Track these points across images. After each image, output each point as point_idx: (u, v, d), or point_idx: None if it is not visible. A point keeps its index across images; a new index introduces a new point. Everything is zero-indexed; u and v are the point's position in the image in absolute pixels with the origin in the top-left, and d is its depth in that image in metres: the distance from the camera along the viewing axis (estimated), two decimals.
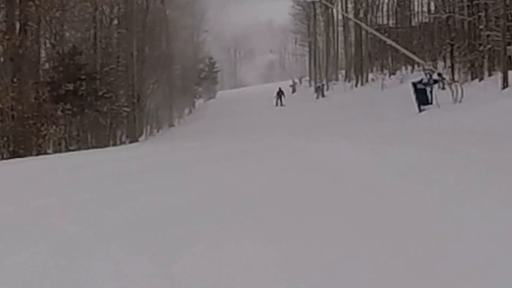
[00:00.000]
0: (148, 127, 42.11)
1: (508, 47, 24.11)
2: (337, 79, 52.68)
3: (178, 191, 7.60)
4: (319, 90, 47.06)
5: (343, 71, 52.70)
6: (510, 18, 25.84)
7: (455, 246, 4.29)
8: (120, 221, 5.87)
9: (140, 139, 36.43)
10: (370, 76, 44.15)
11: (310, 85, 55.60)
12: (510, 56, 25.16)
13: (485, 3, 27.97)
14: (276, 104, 43.28)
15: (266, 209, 5.98)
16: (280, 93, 44.29)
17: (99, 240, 5.12)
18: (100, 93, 32.58)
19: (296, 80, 59.08)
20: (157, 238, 5.04)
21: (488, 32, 26.98)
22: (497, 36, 25.12)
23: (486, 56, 27.77)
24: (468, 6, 29.41)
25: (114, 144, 33.85)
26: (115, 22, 39.27)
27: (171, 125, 44.27)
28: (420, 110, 22.08)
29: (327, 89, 48.85)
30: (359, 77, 45.55)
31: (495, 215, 5.20)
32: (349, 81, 48.43)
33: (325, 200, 6.31)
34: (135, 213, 6.27)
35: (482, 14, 28.13)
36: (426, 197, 6.19)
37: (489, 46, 27.01)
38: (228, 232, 5.11)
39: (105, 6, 36.19)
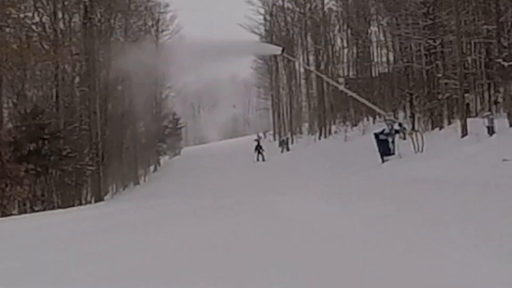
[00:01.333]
0: (114, 186, 41.71)
1: (466, 95, 24.71)
2: (301, 132, 53.15)
3: (140, 252, 7.51)
4: (284, 144, 47.34)
5: (307, 124, 53.25)
6: (466, 66, 26.56)
7: None
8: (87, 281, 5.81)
9: (105, 197, 36.02)
10: (333, 128, 44.66)
11: (275, 139, 55.95)
12: (468, 104, 25.80)
13: (442, 52, 28.72)
14: (258, 159, 40.98)
15: (232, 264, 5.97)
16: (258, 147, 42.44)
17: None
18: (64, 153, 32.30)
19: (261, 134, 59.46)
20: None
21: (446, 80, 27.65)
22: (455, 84, 25.74)
23: (445, 104, 28.38)
24: (425, 55, 30.16)
25: (80, 204, 33.40)
26: (77, 80, 39.27)
27: (137, 183, 43.93)
28: (383, 161, 22.35)
29: (292, 142, 49.19)
30: (323, 129, 46.03)
31: (458, 264, 5.28)
32: (312, 134, 48.89)
33: (292, 251, 6.34)
34: (95, 275, 6.19)
35: (440, 62, 28.85)
36: (389, 247, 6.26)
37: (448, 94, 27.63)
38: None
39: (67, 64, 36.19)
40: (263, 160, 40.45)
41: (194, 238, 8.21)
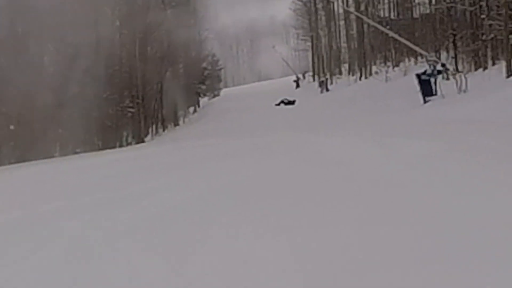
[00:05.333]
0: (154, 127, 42.07)
1: (511, 36, 24.00)
2: (340, 73, 52.53)
3: (189, 188, 7.60)
4: (323, 85, 46.96)
5: (346, 65, 52.54)
6: (511, 7, 25.72)
7: (461, 235, 4.28)
8: (131, 221, 5.88)
9: (146, 139, 36.43)
10: (374, 69, 43.93)
11: (314, 80, 55.45)
12: None
13: None
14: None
15: (278, 202, 6.00)
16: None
17: (111, 241, 5.13)
18: (104, 95, 32.60)
19: (300, 76, 58.97)
20: (169, 236, 5.05)
21: (490, 22, 26.85)
22: (500, 25, 25.01)
23: (489, 45, 27.64)
24: None
25: (121, 145, 33.83)
26: (117, 23, 39.20)
27: (177, 124, 44.21)
28: (425, 101, 22.02)
29: (331, 83, 48.76)
30: (363, 70, 45.37)
31: (503, 201, 5.22)
32: (352, 75, 48.27)
33: (336, 193, 6.32)
34: (146, 212, 6.28)
35: (484, 3, 27.99)
36: (435, 187, 6.19)
37: (492, 35, 26.88)
38: (241, 227, 5.12)
39: (106, 7, 36.16)
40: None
41: (237, 177, 8.26)
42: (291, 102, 40.24)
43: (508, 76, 21.91)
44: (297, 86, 55.09)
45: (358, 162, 8.74)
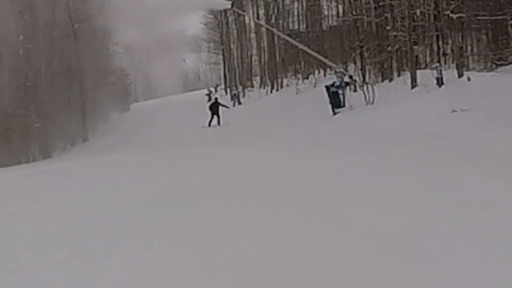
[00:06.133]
0: (61, 143, 40.97)
1: (415, 47, 24.86)
2: (252, 86, 52.92)
3: (95, 202, 7.36)
4: (235, 98, 47.09)
5: (258, 78, 53.02)
6: (415, 18, 26.68)
7: (368, 235, 4.35)
8: (37, 233, 5.66)
9: (53, 154, 35.42)
10: (285, 81, 44.54)
11: (226, 93, 55.60)
12: (417, 56, 25.99)
13: (391, 4, 28.74)
14: (209, 125, 29.58)
15: (191, 212, 5.91)
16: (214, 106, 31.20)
17: (12, 254, 4.89)
18: (9, 111, 31.60)
19: (212, 89, 58.99)
20: (74, 250, 4.85)
21: (395, 33, 27.73)
22: (404, 37, 25.85)
23: (395, 57, 28.54)
24: (375, 7, 30.11)
25: (27, 161, 32.78)
26: (21, 38, 38.16)
27: (86, 139, 43.21)
28: (335, 113, 22.42)
29: (243, 96, 49.00)
30: (274, 83, 45.90)
31: (406, 207, 5.35)
32: (264, 88, 48.74)
33: (246, 197, 6.29)
34: (51, 225, 6.05)
35: (389, 15, 28.89)
36: (342, 194, 6.28)
37: (397, 46, 27.76)
38: (144, 242, 4.98)
39: (9, 21, 35.10)
40: (218, 123, 29.67)
41: (147, 188, 8.08)
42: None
43: (412, 87, 22.60)
44: (209, 99, 55.04)
45: (269, 172, 8.74)
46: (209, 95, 56.40)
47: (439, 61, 25.92)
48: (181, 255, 4.40)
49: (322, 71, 38.39)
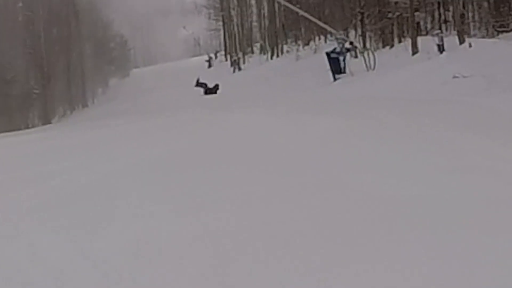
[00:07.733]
0: (61, 109, 40.95)
1: (416, 13, 24.66)
2: (252, 52, 52.65)
3: (95, 169, 7.36)
4: (235, 64, 46.89)
5: (258, 44, 52.71)
6: None
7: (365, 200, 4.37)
8: (36, 200, 5.65)
9: (53, 121, 35.42)
10: (285, 47, 44.30)
11: (226, 60, 55.31)
12: (418, 23, 25.78)
13: None
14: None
15: (192, 177, 5.92)
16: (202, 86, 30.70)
17: (14, 220, 4.89)
18: (8, 77, 31.53)
19: (212, 55, 58.66)
20: (75, 216, 4.85)
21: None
22: (405, 3, 25.64)
23: (396, 23, 28.33)
24: None
25: (26, 127, 32.77)
26: (19, 4, 38.02)
27: (85, 105, 43.19)
28: (335, 79, 22.37)
29: (243, 62, 48.77)
30: (274, 49, 45.64)
31: (407, 173, 5.36)
32: (264, 54, 48.49)
33: (247, 163, 6.31)
34: (51, 192, 6.05)
35: None
36: (341, 160, 6.29)
37: (398, 13, 27.54)
38: (147, 207, 4.99)
39: None
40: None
41: (148, 155, 8.08)
42: (213, 90, 29.71)
43: (413, 54, 22.50)
44: (209, 65, 54.75)
45: (269, 137, 8.74)
46: (209, 61, 56.23)
47: (440, 28, 25.74)
48: (183, 221, 4.40)
49: (322, 37, 38.09)
